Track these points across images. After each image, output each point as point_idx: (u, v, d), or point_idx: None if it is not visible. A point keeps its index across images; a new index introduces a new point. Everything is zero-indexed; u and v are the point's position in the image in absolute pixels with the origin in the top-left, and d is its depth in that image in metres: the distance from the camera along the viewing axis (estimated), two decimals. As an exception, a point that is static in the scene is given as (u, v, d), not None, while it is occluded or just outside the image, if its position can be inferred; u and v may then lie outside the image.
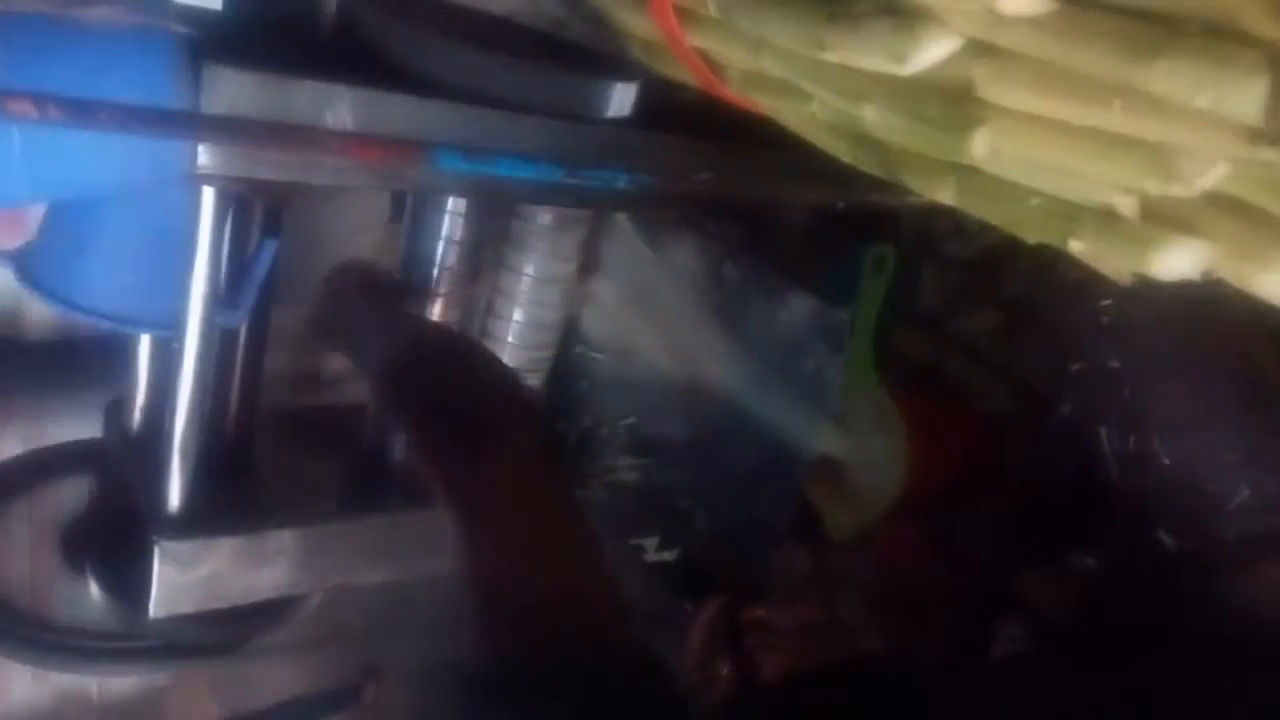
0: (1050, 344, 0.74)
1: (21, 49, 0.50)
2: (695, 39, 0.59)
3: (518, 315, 0.78)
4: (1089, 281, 0.48)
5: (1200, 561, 0.64)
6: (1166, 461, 0.65)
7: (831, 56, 0.48)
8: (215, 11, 0.56)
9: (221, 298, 0.61)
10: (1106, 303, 0.65)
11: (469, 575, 0.50)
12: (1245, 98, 0.35)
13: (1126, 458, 0.66)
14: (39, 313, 0.88)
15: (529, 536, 0.51)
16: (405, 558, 0.75)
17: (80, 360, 0.84)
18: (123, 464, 0.71)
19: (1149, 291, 0.45)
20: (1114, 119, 0.40)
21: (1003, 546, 0.80)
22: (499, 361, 0.64)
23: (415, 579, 0.76)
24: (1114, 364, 0.66)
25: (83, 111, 0.45)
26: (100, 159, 0.54)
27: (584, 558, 0.51)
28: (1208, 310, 0.47)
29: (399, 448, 0.73)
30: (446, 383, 0.57)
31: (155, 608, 0.64)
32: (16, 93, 0.43)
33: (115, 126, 0.46)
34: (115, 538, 0.70)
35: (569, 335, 0.85)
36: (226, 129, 0.53)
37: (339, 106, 0.56)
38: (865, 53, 0.46)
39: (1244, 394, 0.64)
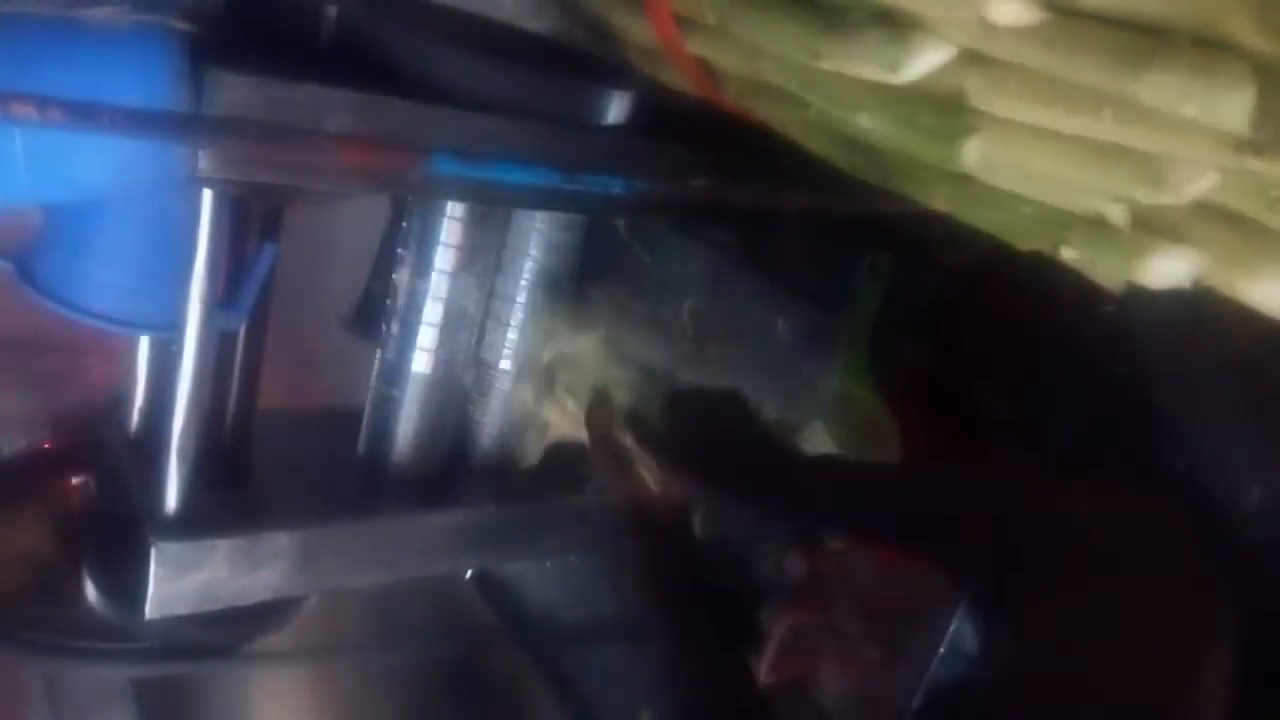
0: (1050, 351, 0.74)
1: (23, 50, 0.50)
2: (694, 47, 0.59)
3: (516, 318, 0.78)
4: (1091, 289, 0.48)
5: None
6: (1180, 468, 0.65)
7: (827, 65, 0.48)
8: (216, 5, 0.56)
9: (221, 300, 0.62)
10: (1111, 309, 0.65)
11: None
12: (1232, 108, 0.35)
13: (1139, 465, 0.66)
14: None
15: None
16: (402, 561, 0.75)
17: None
18: (120, 465, 0.71)
19: (1153, 298, 0.45)
20: (1104, 128, 0.40)
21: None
22: None
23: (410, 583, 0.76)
24: (1122, 370, 0.67)
25: (84, 114, 0.45)
26: (101, 161, 0.55)
27: None
28: (1211, 315, 0.47)
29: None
30: None
31: (151, 609, 0.64)
32: (18, 94, 0.43)
33: (117, 129, 0.47)
34: (112, 539, 0.70)
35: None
36: (228, 132, 0.53)
37: (339, 111, 0.56)
38: (859, 61, 0.46)
39: (1249, 397, 0.64)
